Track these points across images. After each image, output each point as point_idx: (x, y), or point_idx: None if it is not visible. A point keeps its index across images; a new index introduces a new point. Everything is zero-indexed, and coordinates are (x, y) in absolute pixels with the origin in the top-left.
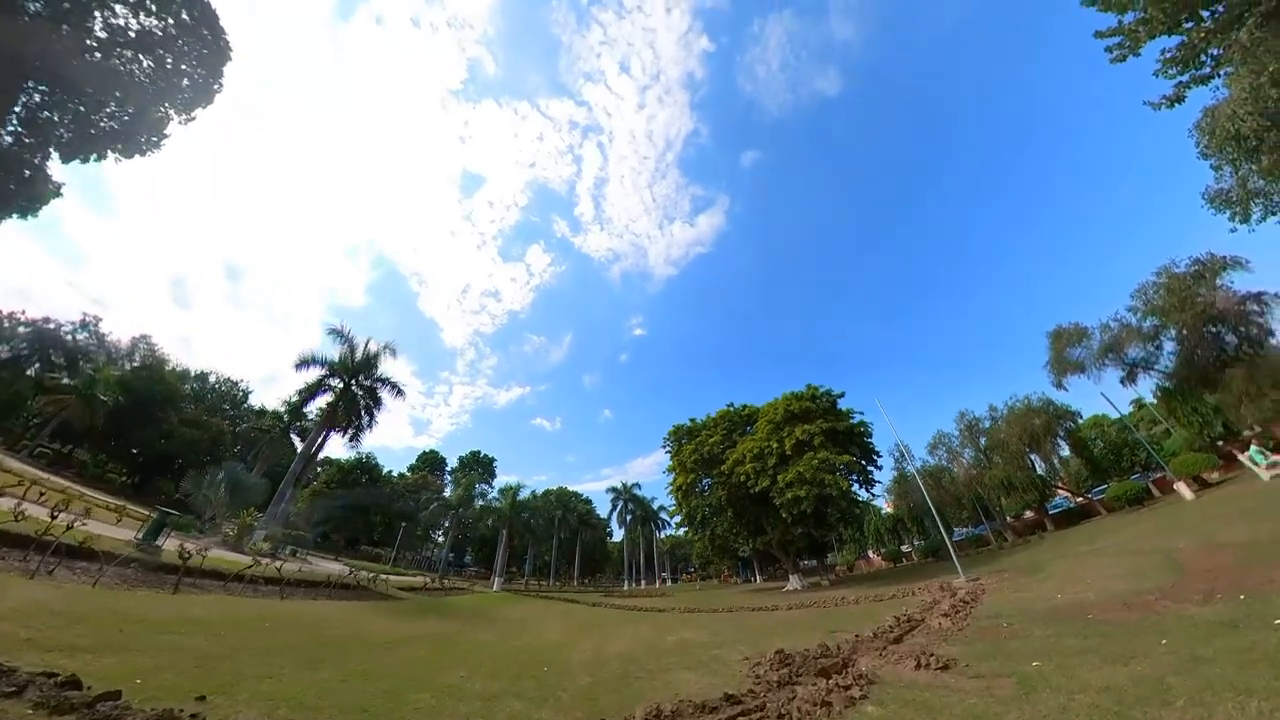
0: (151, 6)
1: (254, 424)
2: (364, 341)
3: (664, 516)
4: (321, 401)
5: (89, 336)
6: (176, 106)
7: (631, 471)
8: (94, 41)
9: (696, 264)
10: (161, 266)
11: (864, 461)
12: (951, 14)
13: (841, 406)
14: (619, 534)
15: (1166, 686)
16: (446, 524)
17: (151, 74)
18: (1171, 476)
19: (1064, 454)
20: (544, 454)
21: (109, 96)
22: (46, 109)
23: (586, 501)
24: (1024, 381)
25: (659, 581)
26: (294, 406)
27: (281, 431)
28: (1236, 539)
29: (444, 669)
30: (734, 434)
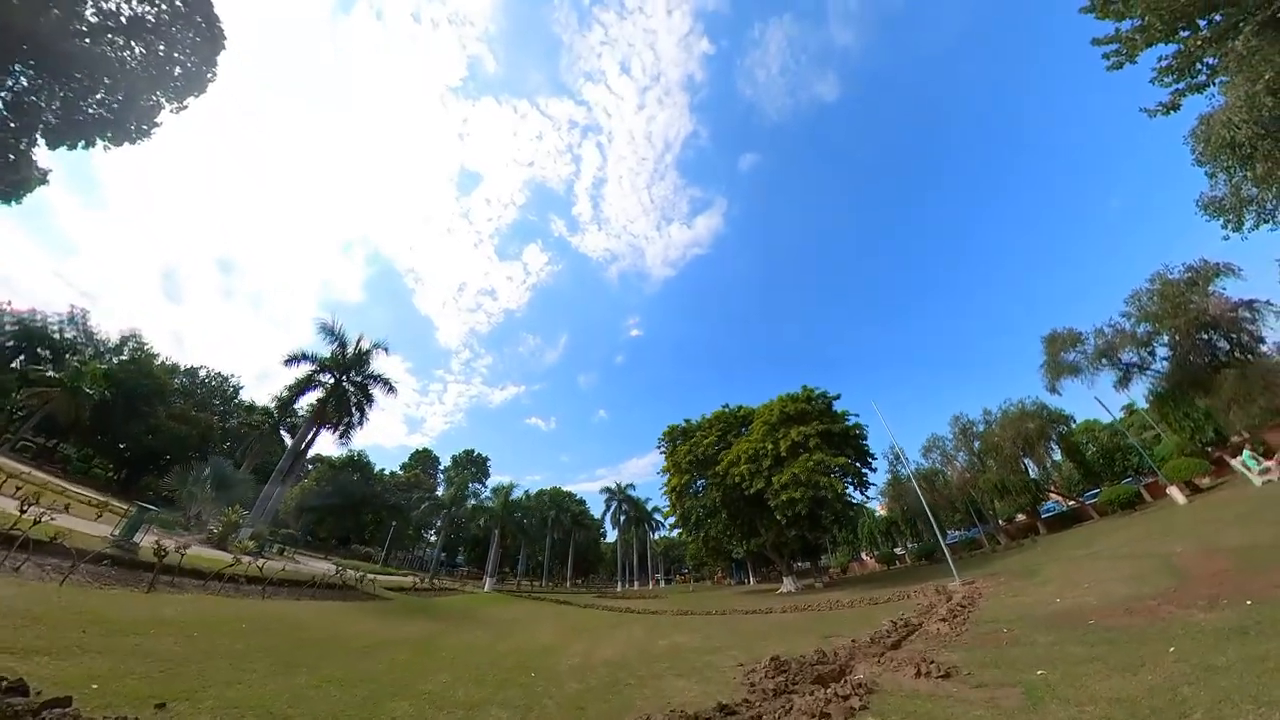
0: None
1: (244, 420)
2: (356, 338)
3: (658, 518)
4: (312, 397)
5: (76, 330)
6: (168, 95)
7: (626, 472)
8: (84, 26)
9: (694, 265)
10: (153, 259)
11: (859, 464)
12: (950, 21)
13: (837, 408)
14: (613, 535)
15: (1181, 698)
16: (438, 523)
17: (143, 61)
18: (1164, 481)
19: (1056, 458)
20: (538, 454)
21: (98, 83)
22: (33, 93)
23: (580, 502)
24: (1018, 384)
25: (652, 583)
26: (283, 402)
27: (271, 428)
28: (1234, 544)
29: (426, 674)
30: (729, 435)
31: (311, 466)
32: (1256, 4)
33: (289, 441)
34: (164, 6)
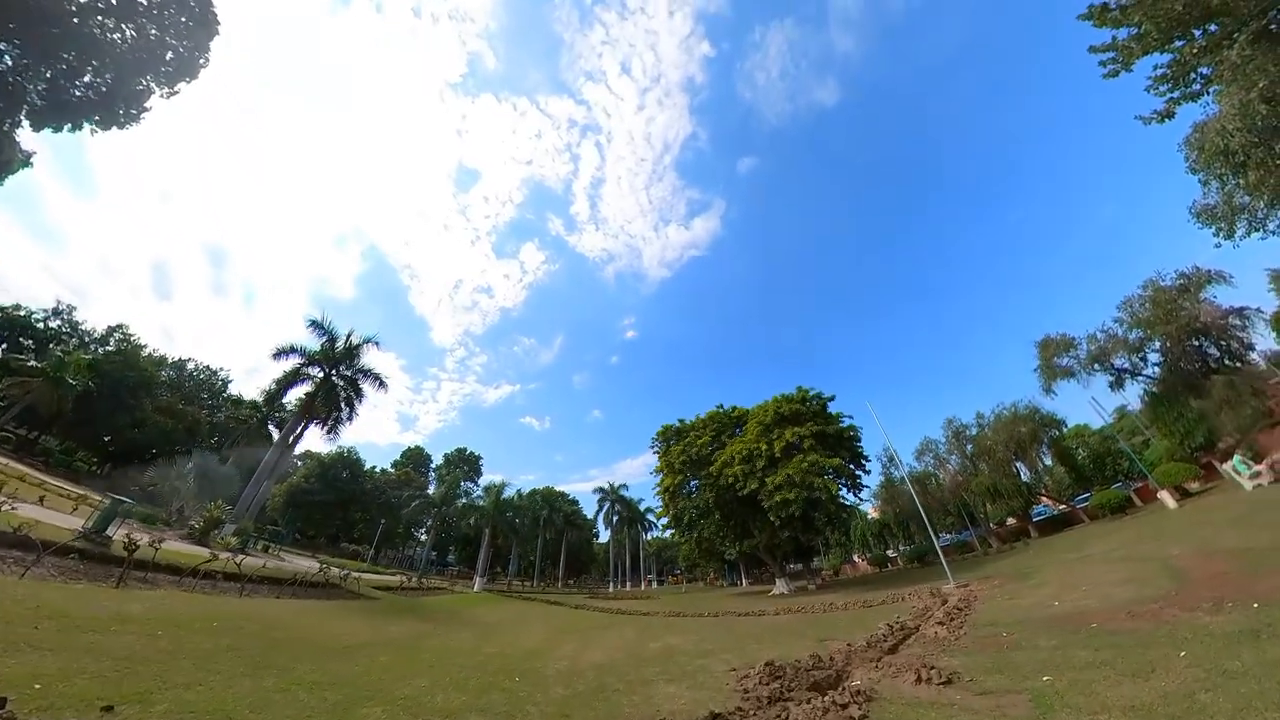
0: None
1: (231, 414)
2: (346, 332)
3: (651, 518)
4: (301, 392)
5: (62, 321)
6: (159, 79)
7: (619, 473)
8: (73, 5)
9: (690, 267)
10: (143, 252)
11: (853, 466)
12: (949, 30)
13: (832, 410)
14: (605, 535)
15: (1200, 705)
16: (429, 522)
17: (133, 43)
18: (1154, 485)
19: (1047, 462)
20: (532, 453)
21: (86, 64)
22: (18, 73)
23: (573, 502)
24: (1012, 388)
25: (645, 584)
26: (270, 395)
27: (259, 422)
28: (1232, 546)
29: (405, 678)
30: (723, 435)
31: (301, 463)
32: (1251, 14)
33: (277, 436)
34: None
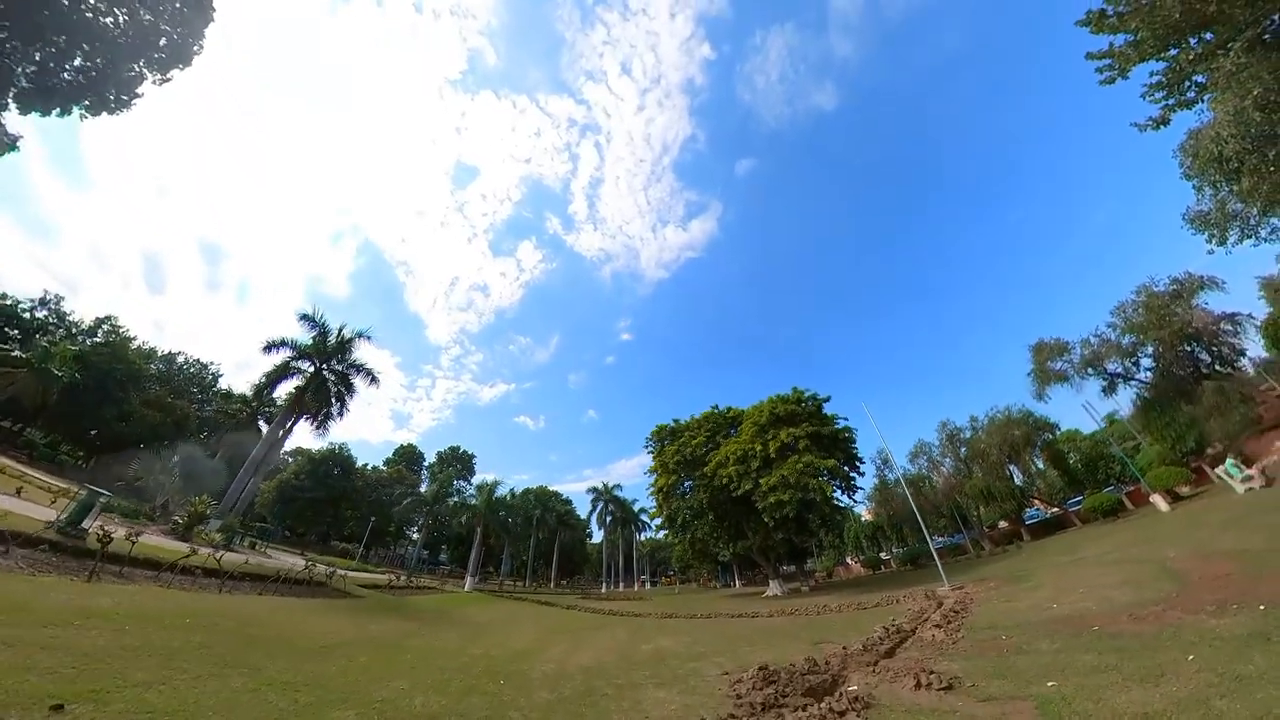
0: None
1: (220, 407)
2: (338, 327)
3: (644, 519)
4: (291, 386)
5: (49, 312)
6: (151, 66)
7: (614, 473)
8: None
9: (687, 268)
10: (136, 244)
11: (847, 467)
12: (948, 37)
13: (827, 411)
14: (599, 535)
15: (1216, 712)
16: (420, 520)
17: (125, 28)
18: (1147, 489)
19: (1040, 466)
20: (527, 452)
21: (76, 48)
22: (4, 55)
23: (566, 501)
24: (1005, 392)
25: (638, 584)
26: (259, 389)
27: (249, 416)
28: (1229, 549)
29: (383, 679)
30: (718, 436)
31: (291, 459)
32: (1247, 22)
33: (266, 431)
34: None
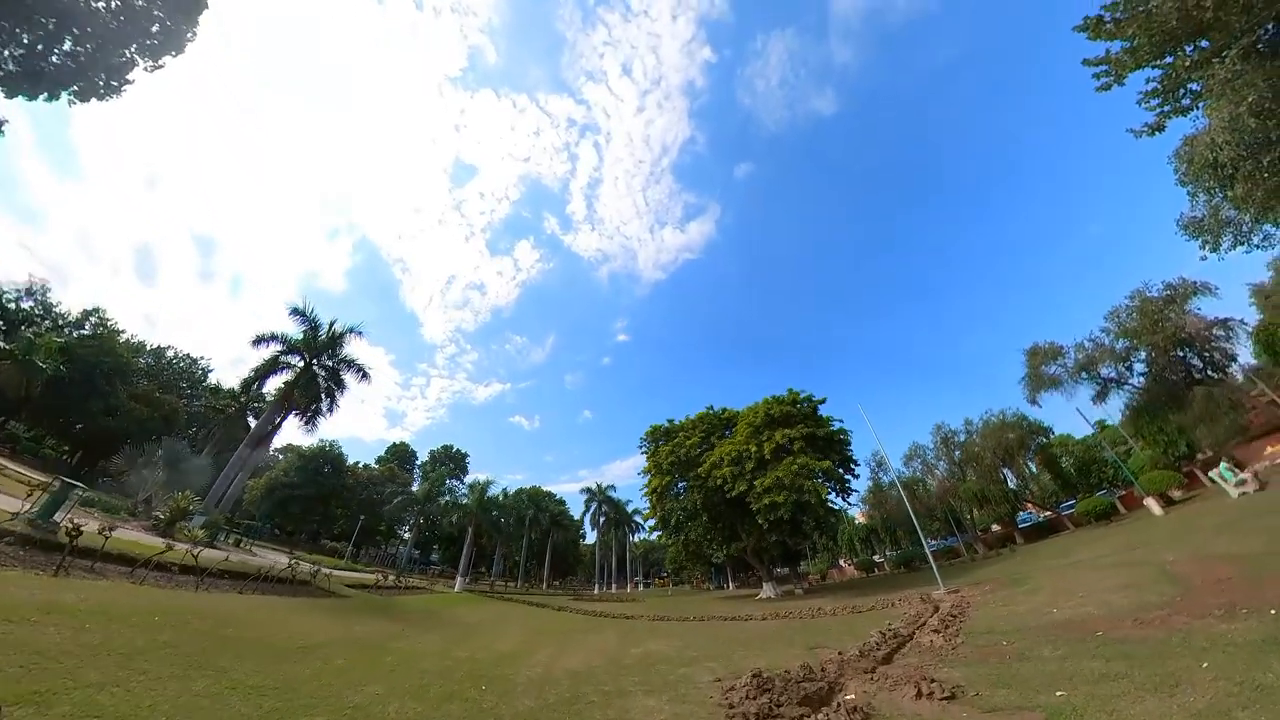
0: None
1: (208, 402)
2: (329, 321)
3: (638, 520)
4: (280, 381)
5: (34, 302)
6: (143, 52)
7: (608, 474)
8: None
9: (685, 270)
10: (127, 236)
11: (842, 469)
12: (946, 45)
13: (822, 413)
14: (592, 536)
15: None
16: (411, 520)
17: (116, 12)
18: (1140, 493)
19: (1032, 470)
20: (521, 452)
21: (65, 31)
22: None
23: (560, 502)
24: (999, 395)
25: (630, 586)
26: (247, 383)
27: (238, 412)
28: (1229, 552)
29: (359, 683)
30: (712, 436)
31: (281, 456)
32: (1242, 29)
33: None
34: None
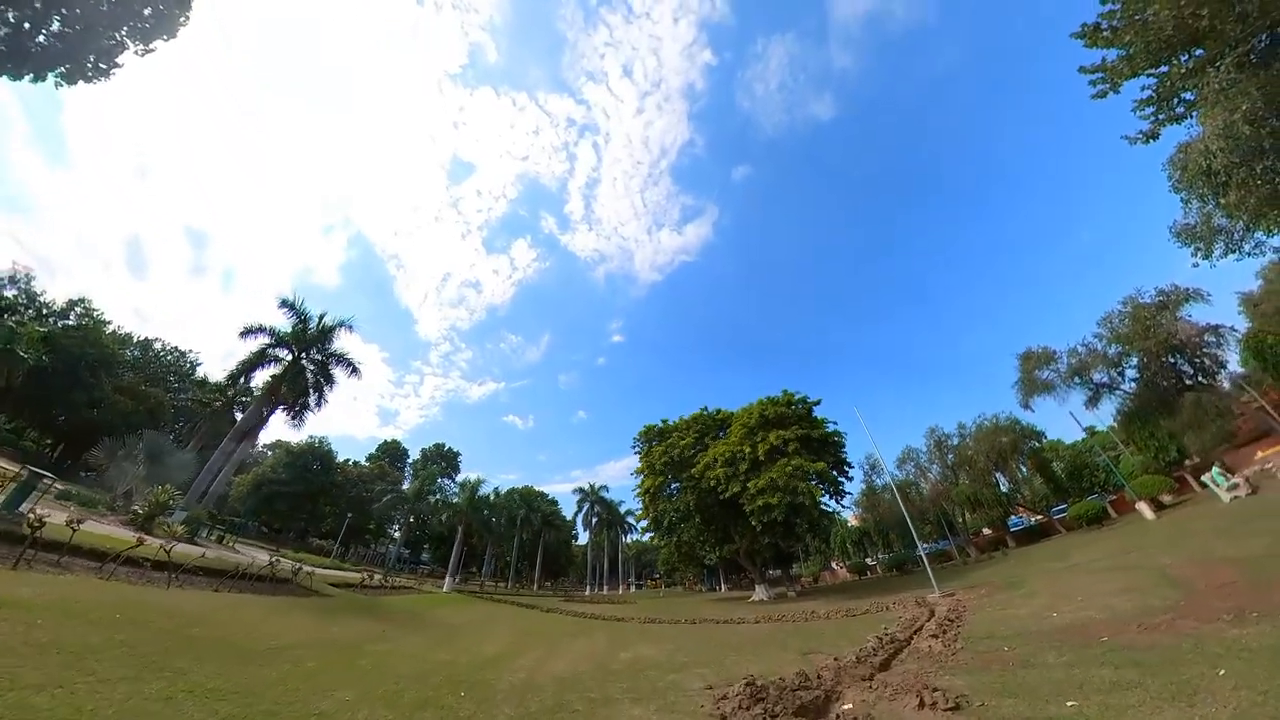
0: None
1: (194, 396)
2: (319, 315)
3: (630, 521)
4: (267, 374)
5: (18, 290)
6: (134, 35)
7: (602, 474)
8: None
9: (682, 271)
10: (117, 226)
11: (836, 472)
12: (947, 51)
13: (817, 414)
14: (584, 537)
15: None
16: (401, 518)
17: None
18: (1132, 497)
19: (1024, 473)
20: (515, 452)
21: (53, 12)
22: None
23: (552, 502)
24: (995, 398)
25: (622, 587)
26: (233, 376)
27: (224, 406)
28: (1228, 555)
29: (328, 688)
30: (706, 438)
31: (270, 452)
32: (1237, 38)
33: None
34: None
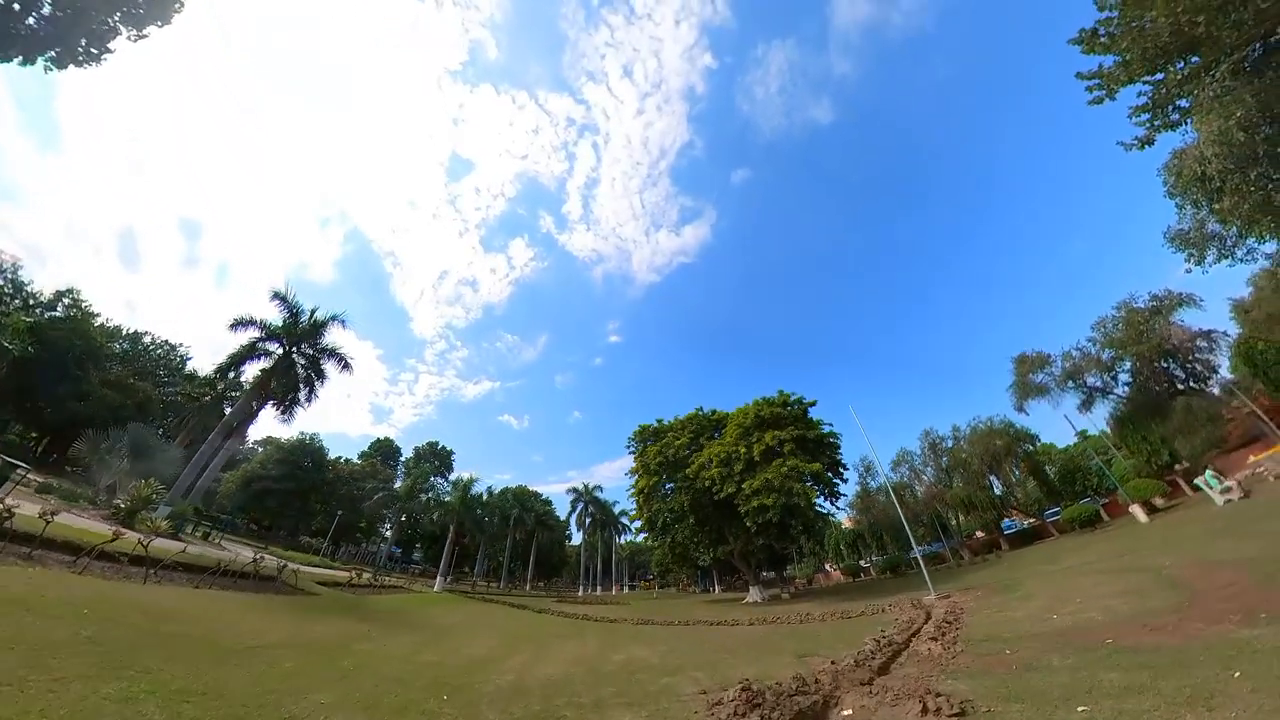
0: None
1: (182, 390)
2: (311, 308)
3: (624, 521)
4: (257, 368)
5: (4, 279)
6: (127, 20)
7: (597, 475)
8: None
9: (679, 273)
10: (109, 218)
11: (831, 473)
12: (946, 58)
13: (812, 415)
14: (578, 537)
15: None
16: (392, 516)
17: None
18: (1125, 500)
19: (1017, 476)
20: (510, 452)
21: None
22: None
23: (546, 502)
24: (990, 402)
25: (616, 588)
26: (221, 369)
27: (213, 400)
28: (1228, 557)
29: (303, 690)
30: (701, 438)
31: (260, 448)
32: (1233, 45)
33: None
34: None
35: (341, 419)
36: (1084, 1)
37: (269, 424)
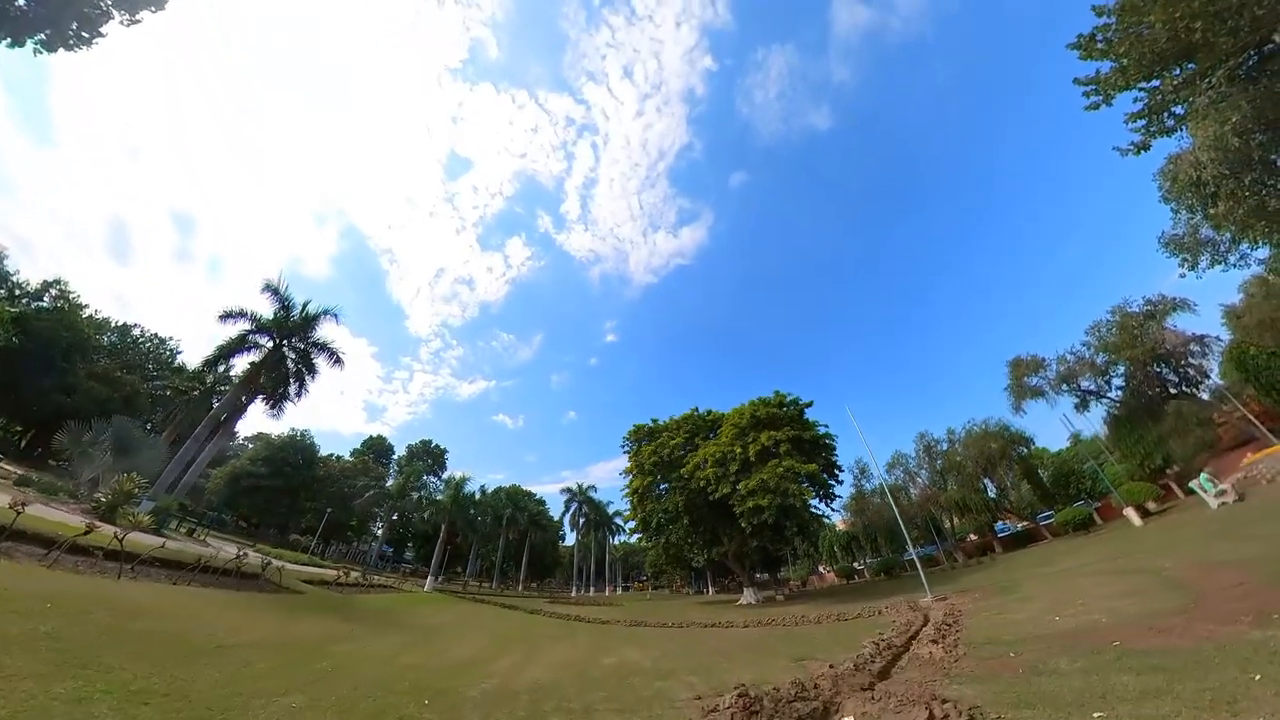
0: None
1: (169, 383)
2: (303, 302)
3: (619, 522)
4: (246, 361)
5: None
6: (119, 4)
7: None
8: None
9: (677, 274)
10: (100, 209)
11: (826, 474)
12: (945, 65)
13: (808, 416)
14: (572, 538)
15: None
16: (383, 515)
17: None
18: (1118, 503)
19: (1011, 480)
20: (504, 451)
21: None
22: None
23: (540, 502)
24: (986, 404)
25: (609, 589)
26: (210, 362)
27: (202, 395)
28: (1229, 559)
29: (275, 693)
30: (696, 438)
31: (250, 444)
32: (1228, 52)
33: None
34: None
35: (335, 416)
36: (1082, 7)
37: (260, 420)
